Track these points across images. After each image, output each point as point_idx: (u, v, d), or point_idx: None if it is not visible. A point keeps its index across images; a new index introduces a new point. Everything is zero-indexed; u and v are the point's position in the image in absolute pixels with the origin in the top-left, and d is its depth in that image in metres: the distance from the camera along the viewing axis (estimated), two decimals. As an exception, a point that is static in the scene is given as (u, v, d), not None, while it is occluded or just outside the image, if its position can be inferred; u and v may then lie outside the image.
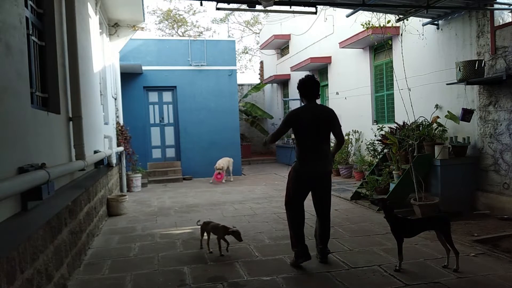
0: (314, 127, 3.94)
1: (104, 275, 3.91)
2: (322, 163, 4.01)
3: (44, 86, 3.72)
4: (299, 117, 4.00)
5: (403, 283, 3.48)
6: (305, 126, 3.95)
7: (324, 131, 4.00)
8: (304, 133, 3.97)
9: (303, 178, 4.05)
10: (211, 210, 6.92)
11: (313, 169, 4.01)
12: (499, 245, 4.51)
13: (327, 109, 4.14)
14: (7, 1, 2.54)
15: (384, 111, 9.30)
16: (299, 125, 3.99)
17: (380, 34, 7.72)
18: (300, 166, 4.04)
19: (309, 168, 4.01)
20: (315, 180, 4.07)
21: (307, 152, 4.00)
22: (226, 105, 11.93)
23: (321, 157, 4.01)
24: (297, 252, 3.96)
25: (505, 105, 5.74)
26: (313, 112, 3.99)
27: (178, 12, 26.14)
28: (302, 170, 4.03)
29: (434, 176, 6.18)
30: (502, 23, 5.82)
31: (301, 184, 4.08)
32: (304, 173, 4.03)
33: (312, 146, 3.98)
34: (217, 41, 12.54)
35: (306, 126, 3.95)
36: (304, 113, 4.00)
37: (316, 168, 4.00)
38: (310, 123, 3.94)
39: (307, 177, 4.05)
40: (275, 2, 4.88)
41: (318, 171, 4.03)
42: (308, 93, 4.06)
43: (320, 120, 3.96)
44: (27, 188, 2.50)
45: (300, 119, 3.98)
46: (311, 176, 4.04)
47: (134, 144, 9.98)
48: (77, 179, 4.38)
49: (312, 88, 4.05)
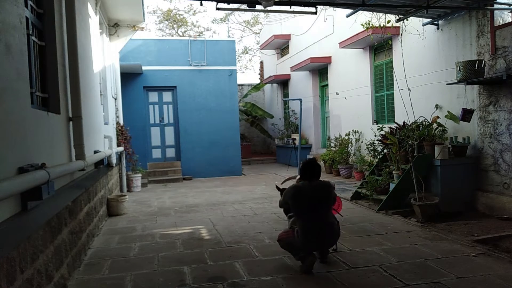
0: (315, 198, 3.89)
1: (104, 275, 3.91)
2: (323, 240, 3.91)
3: (44, 86, 3.72)
4: (299, 193, 3.94)
5: (403, 283, 3.48)
6: (305, 201, 3.89)
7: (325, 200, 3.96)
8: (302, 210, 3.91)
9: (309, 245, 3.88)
10: (211, 210, 6.92)
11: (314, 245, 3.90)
12: (499, 245, 4.51)
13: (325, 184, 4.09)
14: (7, 1, 2.54)
15: (384, 111, 9.30)
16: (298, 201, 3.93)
17: (380, 34, 7.72)
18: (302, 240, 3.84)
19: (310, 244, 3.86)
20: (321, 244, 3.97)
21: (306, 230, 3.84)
22: (226, 105, 11.93)
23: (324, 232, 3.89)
24: (301, 256, 3.86)
25: (505, 105, 5.74)
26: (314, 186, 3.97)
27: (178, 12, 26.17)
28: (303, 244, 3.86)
29: (434, 176, 6.18)
30: (502, 23, 5.82)
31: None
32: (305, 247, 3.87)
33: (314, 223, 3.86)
34: (217, 41, 12.54)
35: (306, 201, 3.89)
36: (304, 189, 3.96)
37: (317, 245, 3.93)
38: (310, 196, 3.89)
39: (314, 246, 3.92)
40: (275, 2, 4.87)
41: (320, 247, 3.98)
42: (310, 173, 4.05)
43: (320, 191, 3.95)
44: (27, 188, 2.50)
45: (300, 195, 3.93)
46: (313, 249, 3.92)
47: (134, 144, 9.98)
48: (77, 179, 4.38)
49: (312, 169, 4.05)
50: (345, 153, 10.38)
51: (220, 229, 5.58)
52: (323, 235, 3.87)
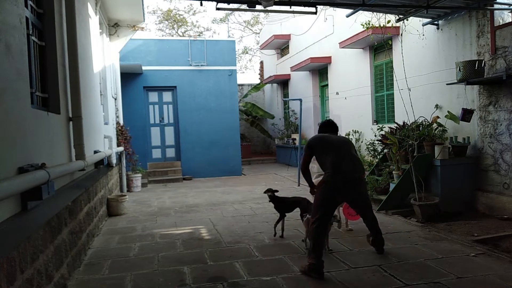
0: (340, 143, 4.21)
1: (104, 275, 3.91)
2: (354, 168, 4.06)
3: (44, 86, 3.72)
4: (324, 138, 4.25)
5: (403, 283, 3.48)
6: (332, 142, 4.18)
7: (348, 147, 4.24)
8: (331, 147, 4.13)
9: (336, 187, 3.99)
10: (211, 210, 6.92)
11: (345, 176, 4.00)
12: (499, 245, 4.51)
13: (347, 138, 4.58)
14: (7, 1, 2.54)
15: (384, 111, 9.30)
16: (326, 143, 4.19)
17: (380, 34, 7.72)
18: (333, 175, 3.99)
19: (342, 175, 3.99)
20: (349, 187, 4.05)
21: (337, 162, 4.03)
22: (226, 105, 11.93)
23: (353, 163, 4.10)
24: (313, 266, 3.72)
25: (505, 105, 5.74)
26: (336, 137, 4.37)
27: (178, 12, 26.17)
28: (334, 178, 3.98)
29: (434, 176, 6.18)
30: (502, 23, 5.82)
31: (332, 194, 4.01)
32: (337, 181, 3.98)
33: (343, 155, 4.08)
34: (217, 41, 12.54)
35: (333, 142, 4.19)
36: (328, 136, 4.32)
37: (348, 174, 4.02)
38: (335, 141, 4.22)
39: (341, 184, 3.99)
40: (275, 2, 4.87)
41: (351, 177, 4.04)
42: (330, 129, 4.46)
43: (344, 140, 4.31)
44: (27, 188, 2.50)
45: (325, 139, 4.23)
46: (345, 182, 4.00)
47: (134, 144, 9.98)
48: (77, 179, 4.38)
49: (333, 126, 4.49)
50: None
51: (220, 229, 5.58)
52: (349, 167, 4.03)
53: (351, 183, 4.04)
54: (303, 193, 8.28)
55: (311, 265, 3.72)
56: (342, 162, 4.02)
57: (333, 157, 4.04)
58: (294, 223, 5.53)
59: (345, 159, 4.05)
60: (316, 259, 3.72)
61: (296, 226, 5.37)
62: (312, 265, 3.71)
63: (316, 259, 3.72)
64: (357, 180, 4.10)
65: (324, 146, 4.16)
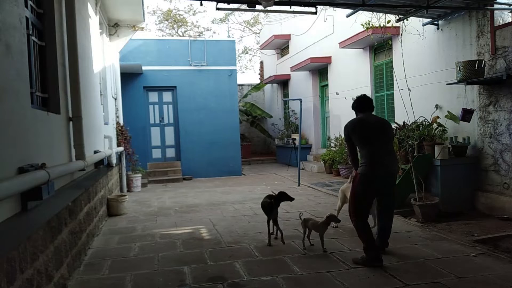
0: (379, 130, 4.08)
1: (104, 275, 3.91)
2: (391, 162, 4.07)
3: (44, 86, 3.72)
4: (363, 123, 4.11)
5: (403, 283, 3.48)
6: (371, 129, 4.06)
7: (387, 135, 4.14)
8: (370, 137, 4.04)
9: (373, 180, 3.99)
10: (211, 210, 6.92)
11: (383, 170, 3.99)
12: (499, 245, 4.51)
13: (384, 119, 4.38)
14: (7, 1, 2.54)
15: (384, 111, 9.30)
16: (364, 129, 4.07)
17: (380, 34, 7.72)
18: (370, 169, 3.97)
19: (379, 169, 3.97)
20: (384, 181, 4.06)
21: (375, 154, 3.99)
22: (226, 105, 11.93)
23: (390, 156, 4.09)
24: (372, 257, 3.89)
25: (505, 105, 5.74)
26: (374, 119, 4.20)
27: (178, 12, 26.17)
28: (371, 171, 3.97)
29: (434, 176, 6.18)
30: (502, 23, 5.82)
31: (371, 187, 4.02)
32: (374, 175, 3.97)
33: (380, 146, 4.02)
34: (217, 41, 12.54)
35: (371, 130, 4.06)
36: (366, 120, 4.14)
37: (385, 168, 4.00)
38: (374, 127, 4.07)
39: (378, 177, 4.00)
40: (275, 2, 4.87)
41: (388, 171, 4.03)
42: (366, 106, 4.23)
43: (382, 125, 4.15)
44: (27, 188, 2.50)
45: (364, 124, 4.09)
46: (381, 176, 4.00)
47: (134, 144, 9.98)
48: (77, 179, 4.38)
49: (369, 102, 4.25)
50: (345, 153, 10.36)
51: (220, 229, 5.58)
52: (388, 160, 4.01)
53: (387, 178, 4.05)
54: (303, 193, 8.29)
55: (370, 257, 3.88)
56: (380, 155, 3.97)
57: (370, 148, 3.98)
58: (294, 223, 5.54)
59: (383, 150, 4.01)
60: (372, 250, 3.89)
61: (296, 226, 5.36)
62: (372, 257, 3.87)
63: (372, 250, 3.89)
64: (393, 175, 4.12)
65: (363, 134, 4.06)
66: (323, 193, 8.29)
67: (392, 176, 4.15)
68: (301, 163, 11.00)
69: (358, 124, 4.12)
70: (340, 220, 4.51)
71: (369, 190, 4.03)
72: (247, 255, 4.39)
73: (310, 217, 4.75)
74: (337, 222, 4.59)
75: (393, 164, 4.10)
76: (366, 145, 4.02)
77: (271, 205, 4.75)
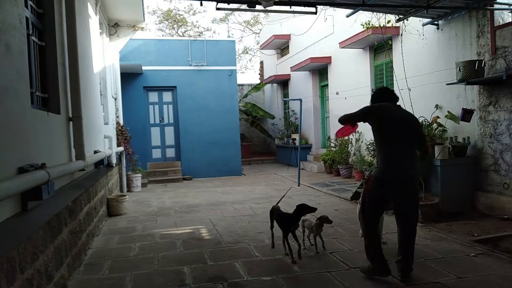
0: (404, 126, 3.51)
1: (104, 275, 3.91)
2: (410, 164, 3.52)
3: (44, 86, 3.72)
4: (387, 112, 3.53)
5: (403, 283, 3.47)
6: (393, 123, 3.50)
7: (413, 134, 3.57)
8: (388, 131, 3.52)
9: (387, 184, 3.53)
10: (211, 210, 6.92)
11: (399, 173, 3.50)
12: (499, 245, 4.51)
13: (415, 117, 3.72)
14: (7, 1, 2.54)
15: (384, 111, 9.29)
16: (386, 120, 3.51)
17: (380, 34, 7.72)
18: (384, 171, 3.51)
19: (394, 173, 3.50)
20: (400, 186, 3.54)
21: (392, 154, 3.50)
22: (226, 105, 11.93)
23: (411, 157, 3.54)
24: (377, 267, 3.55)
25: (505, 105, 5.74)
26: (400, 113, 3.59)
27: (178, 12, 26.17)
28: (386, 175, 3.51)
29: (434, 176, 6.18)
30: (502, 23, 5.82)
31: (384, 193, 3.57)
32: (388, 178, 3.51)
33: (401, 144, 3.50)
34: (217, 41, 12.54)
35: (394, 123, 3.49)
36: (392, 109, 3.54)
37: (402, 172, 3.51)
38: (398, 122, 3.50)
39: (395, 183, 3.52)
40: (275, 2, 4.87)
41: (405, 175, 3.52)
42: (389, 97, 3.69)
43: (409, 121, 3.57)
44: (27, 188, 2.50)
45: (388, 114, 3.51)
46: (397, 180, 3.51)
47: (134, 144, 9.98)
48: (77, 179, 4.38)
49: (392, 93, 3.74)
50: (345, 153, 10.38)
51: (220, 229, 5.58)
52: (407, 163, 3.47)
53: (404, 182, 3.52)
54: (303, 193, 8.29)
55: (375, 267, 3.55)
56: (400, 155, 3.46)
57: (388, 146, 3.50)
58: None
59: (405, 149, 3.48)
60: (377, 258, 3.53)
61: (296, 226, 5.36)
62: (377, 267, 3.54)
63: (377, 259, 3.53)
64: (411, 178, 3.55)
65: (384, 127, 3.51)
66: (323, 193, 8.29)
67: (412, 181, 3.58)
68: (301, 163, 11.01)
69: (384, 109, 3.53)
70: (332, 221, 4.43)
71: (382, 196, 3.58)
72: (247, 255, 4.39)
73: (307, 218, 4.73)
74: (329, 223, 4.45)
75: (410, 167, 3.53)
76: (385, 142, 3.54)
77: (289, 219, 4.18)
